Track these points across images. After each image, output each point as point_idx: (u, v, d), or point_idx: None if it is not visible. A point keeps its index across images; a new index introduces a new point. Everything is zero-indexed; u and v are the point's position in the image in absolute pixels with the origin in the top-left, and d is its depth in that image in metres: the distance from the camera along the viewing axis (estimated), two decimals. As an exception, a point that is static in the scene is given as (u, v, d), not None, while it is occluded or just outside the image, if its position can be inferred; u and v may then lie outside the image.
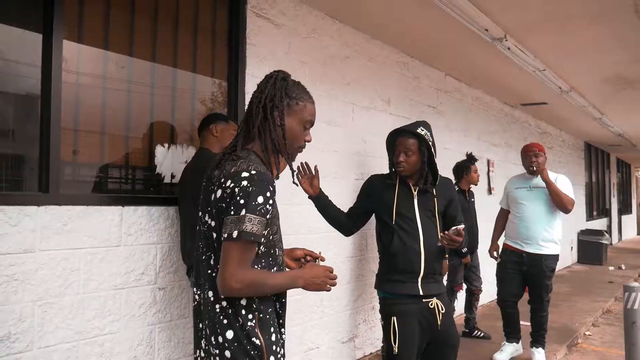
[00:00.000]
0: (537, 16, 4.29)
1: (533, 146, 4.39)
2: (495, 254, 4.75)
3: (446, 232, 2.69)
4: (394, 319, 2.68)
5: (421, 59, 5.56)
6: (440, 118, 6.02)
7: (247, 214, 1.55)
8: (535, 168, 4.27)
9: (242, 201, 1.56)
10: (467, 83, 6.68)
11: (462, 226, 2.69)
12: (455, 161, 6.07)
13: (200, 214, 1.73)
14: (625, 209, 19.73)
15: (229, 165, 1.65)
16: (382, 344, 3.63)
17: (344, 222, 2.99)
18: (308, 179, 2.90)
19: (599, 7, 4.07)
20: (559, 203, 4.24)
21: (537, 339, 4.51)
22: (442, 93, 6.10)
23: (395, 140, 2.85)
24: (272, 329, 1.66)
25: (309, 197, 2.96)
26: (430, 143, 2.79)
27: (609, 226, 15.91)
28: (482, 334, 5.32)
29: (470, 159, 5.36)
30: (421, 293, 2.73)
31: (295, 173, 1.94)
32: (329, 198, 3.02)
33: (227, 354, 1.59)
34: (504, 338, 4.65)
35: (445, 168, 6.03)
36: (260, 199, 1.58)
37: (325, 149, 4.19)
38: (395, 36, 4.81)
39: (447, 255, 4.04)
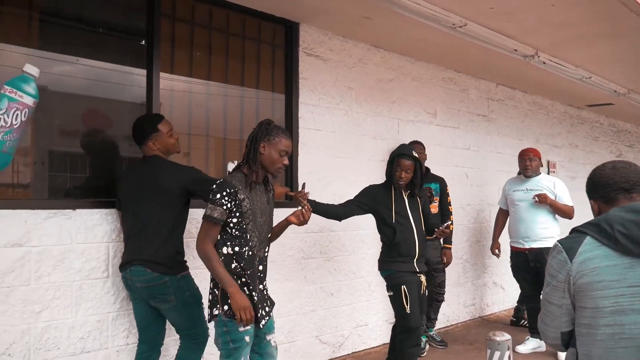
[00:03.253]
0: (561, 36, 4.77)
1: (528, 151, 4.92)
2: (497, 251, 5.28)
3: (440, 227, 3.53)
4: (404, 287, 3.51)
5: (468, 73, 6.14)
6: (491, 125, 6.56)
7: (209, 204, 2.55)
8: (529, 171, 4.82)
9: (210, 196, 2.57)
10: (522, 90, 7.10)
11: (450, 222, 3.61)
12: (509, 165, 6.60)
13: None
14: None
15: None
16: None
17: (339, 213, 3.67)
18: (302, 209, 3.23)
19: (617, 29, 4.49)
20: (563, 216, 4.76)
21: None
22: (494, 102, 6.62)
23: (397, 160, 3.63)
24: None
25: None
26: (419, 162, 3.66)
27: None
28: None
29: None
30: (417, 270, 3.62)
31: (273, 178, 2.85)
32: (323, 202, 3.65)
33: (210, 297, 2.65)
34: (529, 332, 5.10)
35: (500, 171, 6.60)
36: (218, 195, 2.53)
37: (372, 159, 4.99)
38: (438, 57, 5.47)
39: (450, 246, 4.76)
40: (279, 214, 2.98)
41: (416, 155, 3.62)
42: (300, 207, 2.83)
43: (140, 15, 3.59)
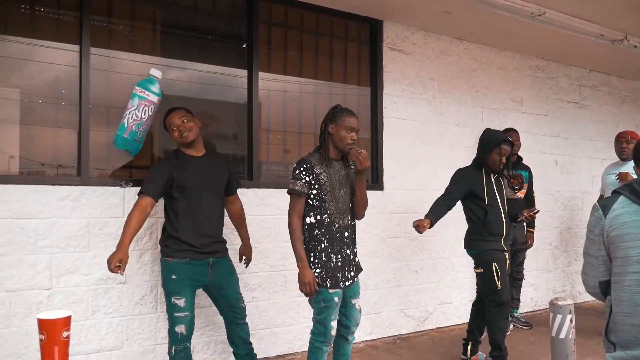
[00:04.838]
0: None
1: (626, 133, 4.81)
2: None
3: (529, 212, 3.89)
4: (495, 264, 3.77)
5: (557, 60, 6.15)
6: (584, 112, 6.49)
7: (291, 179, 2.98)
8: (625, 154, 4.71)
9: (291, 173, 3.00)
10: (618, 75, 6.92)
11: (537, 210, 3.94)
12: (604, 152, 6.54)
13: None
14: None
15: None
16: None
17: (446, 211, 3.86)
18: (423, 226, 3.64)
19: None
20: None
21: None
22: (586, 88, 6.54)
23: (497, 145, 3.84)
24: (311, 254, 2.98)
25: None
26: None
27: None
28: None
29: None
30: (505, 249, 3.88)
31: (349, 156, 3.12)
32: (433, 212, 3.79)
33: None
34: None
35: (593, 159, 6.54)
36: (297, 171, 2.96)
37: (454, 146, 5.24)
38: (522, 46, 5.58)
39: (533, 230, 4.93)
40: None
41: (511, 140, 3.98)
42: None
43: (242, 22, 4.18)
